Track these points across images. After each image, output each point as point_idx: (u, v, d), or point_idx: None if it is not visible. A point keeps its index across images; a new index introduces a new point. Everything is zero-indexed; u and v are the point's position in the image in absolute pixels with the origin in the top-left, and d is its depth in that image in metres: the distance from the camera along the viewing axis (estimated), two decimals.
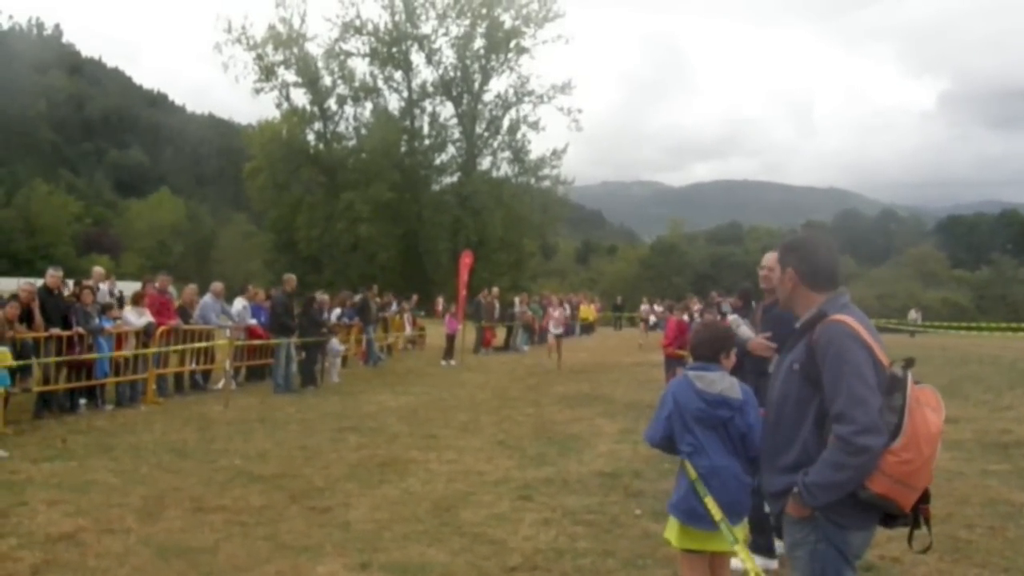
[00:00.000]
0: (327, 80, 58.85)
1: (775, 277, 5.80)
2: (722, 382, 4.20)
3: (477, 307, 24.83)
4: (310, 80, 57.78)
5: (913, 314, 44.56)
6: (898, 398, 2.95)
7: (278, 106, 59.51)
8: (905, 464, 2.90)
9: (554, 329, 22.29)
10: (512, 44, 58.11)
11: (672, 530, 4.33)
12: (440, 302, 35.68)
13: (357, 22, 57.16)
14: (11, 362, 9.46)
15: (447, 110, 61.20)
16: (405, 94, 60.53)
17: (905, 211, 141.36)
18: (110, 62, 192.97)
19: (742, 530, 4.16)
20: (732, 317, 6.19)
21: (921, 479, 2.95)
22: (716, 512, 3.92)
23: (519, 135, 59.96)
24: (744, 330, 5.91)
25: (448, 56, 59.60)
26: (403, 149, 58.78)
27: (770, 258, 5.87)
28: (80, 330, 11.66)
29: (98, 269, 15.53)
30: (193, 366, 14.63)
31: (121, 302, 14.90)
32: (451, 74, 59.68)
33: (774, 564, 5.55)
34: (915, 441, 2.89)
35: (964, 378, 18.46)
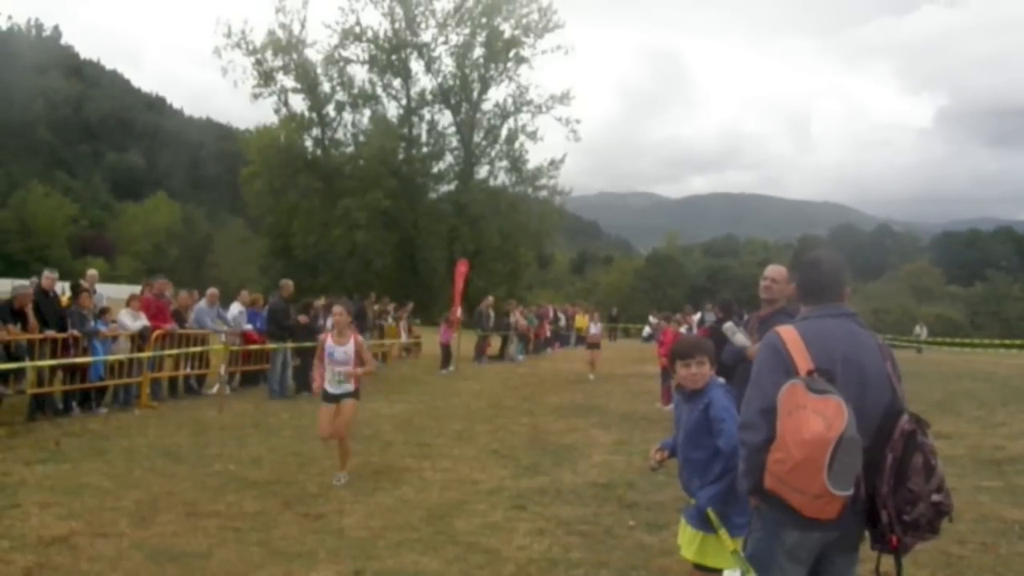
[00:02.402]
0: (326, 86, 58.89)
1: (776, 289, 5.87)
2: None
3: (479, 316, 24.84)
4: (309, 86, 57.79)
5: (918, 329, 44.44)
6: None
7: (276, 112, 59.54)
8: (779, 463, 3.05)
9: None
10: (511, 54, 58.17)
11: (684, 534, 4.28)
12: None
13: (357, 29, 57.18)
14: (7, 365, 9.44)
15: (445, 118, 61.27)
16: (404, 102, 60.56)
17: (901, 226, 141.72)
18: (109, 64, 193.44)
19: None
20: (728, 325, 6.24)
21: (802, 481, 2.99)
22: (729, 543, 3.89)
23: (517, 144, 59.99)
24: (740, 338, 5.97)
25: (447, 64, 59.69)
26: (401, 156, 58.72)
27: (772, 270, 5.95)
28: (75, 332, 11.65)
29: (92, 272, 15.47)
30: (188, 370, 14.60)
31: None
32: (450, 82, 59.71)
33: None
34: (784, 443, 3.02)
35: (957, 394, 18.49)
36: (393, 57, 58.55)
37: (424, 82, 60.49)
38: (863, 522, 3.21)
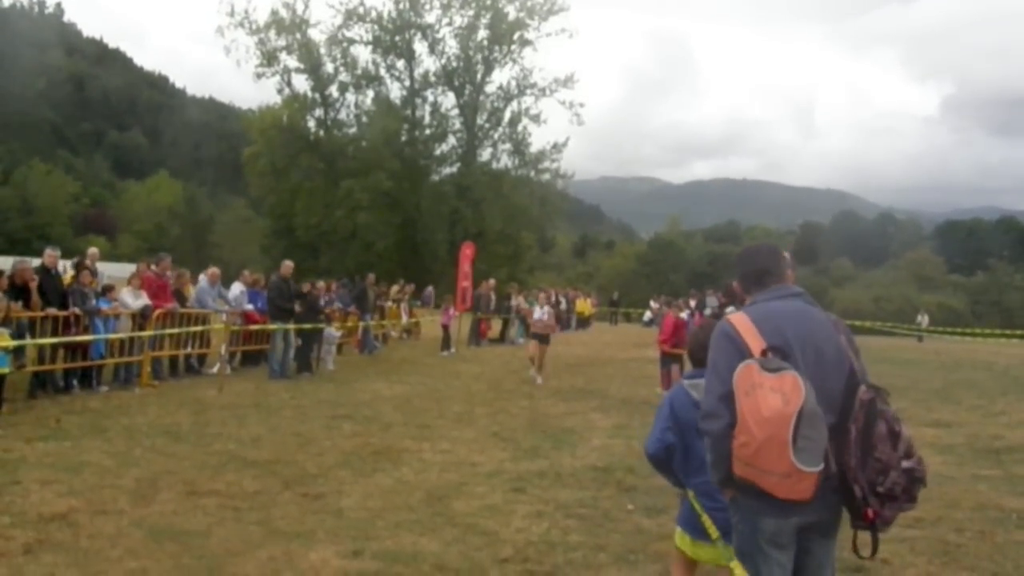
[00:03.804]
0: (329, 67, 58.69)
1: None
2: None
3: (477, 299, 24.83)
4: (312, 66, 57.60)
5: (920, 317, 44.38)
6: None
7: (279, 92, 59.34)
8: (743, 446, 3.05)
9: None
10: (516, 36, 57.93)
11: (684, 541, 4.28)
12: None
13: (360, 9, 56.93)
14: (10, 342, 9.45)
15: (448, 100, 61.07)
16: (407, 83, 60.37)
17: (904, 215, 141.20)
18: (111, 43, 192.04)
19: None
20: (731, 309, 6.20)
21: (768, 461, 2.99)
22: (713, 531, 3.90)
23: (520, 127, 59.83)
24: None
25: (451, 46, 59.45)
26: (403, 138, 58.62)
27: None
28: (77, 311, 11.65)
29: (93, 250, 15.47)
30: (189, 350, 14.61)
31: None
32: (453, 64, 59.49)
33: None
34: (745, 424, 3.02)
35: (957, 383, 18.51)
36: (397, 38, 58.34)
37: (428, 63, 60.34)
38: (839, 504, 3.19)
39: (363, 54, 59.28)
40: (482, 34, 58.63)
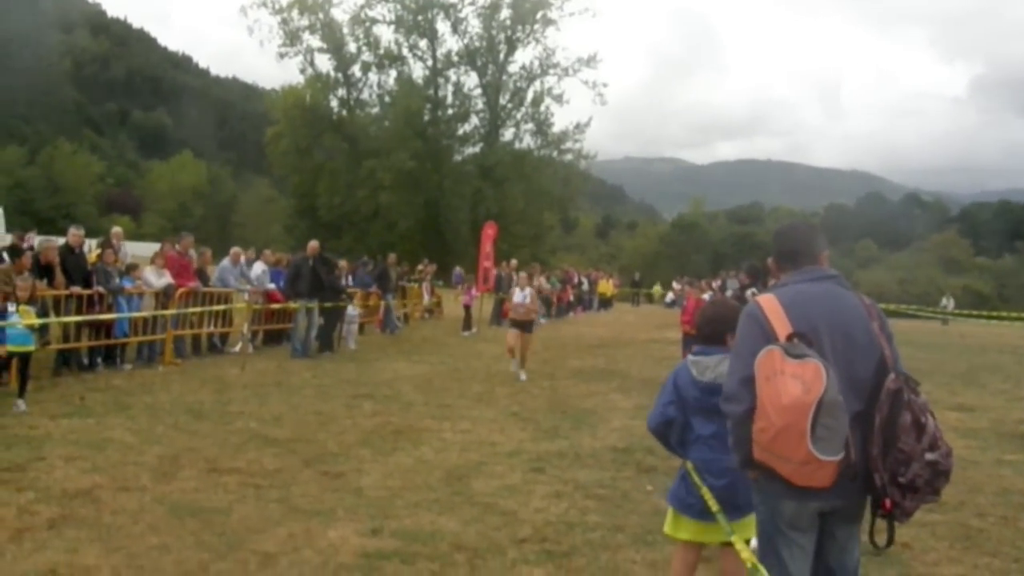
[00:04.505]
0: (352, 47, 58.86)
1: None
2: (719, 367, 4.00)
3: (499, 279, 24.80)
4: (335, 46, 57.70)
5: (945, 300, 43.96)
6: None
7: (302, 71, 59.61)
8: (761, 432, 3.03)
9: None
10: (539, 15, 57.75)
11: (667, 519, 4.30)
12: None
13: None
14: (35, 320, 9.54)
15: (471, 80, 61.09)
16: (429, 63, 60.39)
17: (929, 196, 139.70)
18: (136, 22, 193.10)
19: (750, 527, 3.85)
20: (752, 291, 6.13)
21: (786, 448, 2.96)
22: (713, 503, 3.88)
23: (543, 107, 59.77)
24: None
25: (474, 26, 59.38)
26: (426, 118, 58.65)
27: None
28: (100, 289, 11.75)
29: (116, 229, 15.58)
30: (211, 328, 14.71)
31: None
32: (476, 44, 59.40)
33: None
34: (764, 410, 3.00)
35: (982, 367, 18.36)
36: (419, 17, 58.26)
37: (450, 43, 60.34)
38: (863, 491, 3.14)
39: (386, 34, 59.40)
40: (505, 13, 58.50)
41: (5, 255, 12.86)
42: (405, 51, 59.93)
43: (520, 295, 13.91)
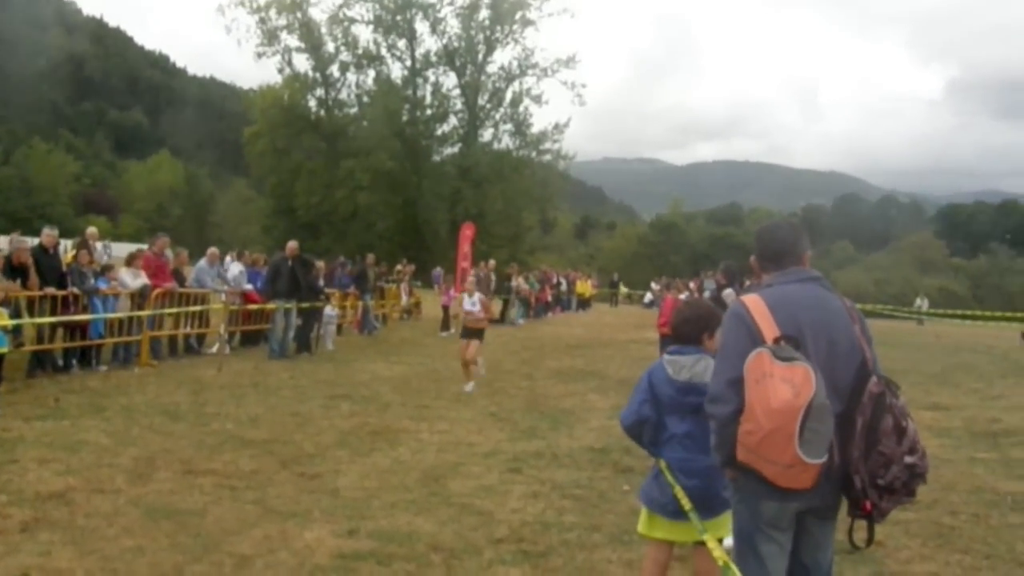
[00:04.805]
0: (330, 46, 58.53)
1: None
2: (695, 367, 4.07)
3: (479, 279, 24.78)
4: (313, 46, 57.42)
5: (919, 301, 44.36)
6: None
7: (280, 71, 59.23)
8: (748, 434, 3.03)
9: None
10: (517, 16, 57.65)
11: (641, 519, 4.32)
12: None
13: None
14: (8, 322, 9.45)
15: (450, 80, 60.87)
16: (408, 63, 60.13)
17: (906, 198, 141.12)
18: (112, 21, 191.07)
19: (723, 526, 3.93)
20: (727, 292, 6.16)
21: (773, 451, 2.97)
22: (685, 502, 3.89)
23: (521, 108, 59.68)
24: None
25: (453, 26, 59.18)
26: (404, 118, 58.43)
27: None
28: (75, 290, 11.66)
29: (92, 230, 15.46)
30: (188, 329, 14.62)
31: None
32: (455, 44, 59.23)
33: None
34: (753, 413, 3.00)
35: (956, 366, 18.54)
36: (398, 17, 58.08)
37: (429, 43, 60.12)
38: (839, 489, 3.17)
39: (364, 33, 59.14)
40: (484, 14, 58.38)
41: None
42: (384, 51, 59.74)
43: (469, 302, 12.71)
